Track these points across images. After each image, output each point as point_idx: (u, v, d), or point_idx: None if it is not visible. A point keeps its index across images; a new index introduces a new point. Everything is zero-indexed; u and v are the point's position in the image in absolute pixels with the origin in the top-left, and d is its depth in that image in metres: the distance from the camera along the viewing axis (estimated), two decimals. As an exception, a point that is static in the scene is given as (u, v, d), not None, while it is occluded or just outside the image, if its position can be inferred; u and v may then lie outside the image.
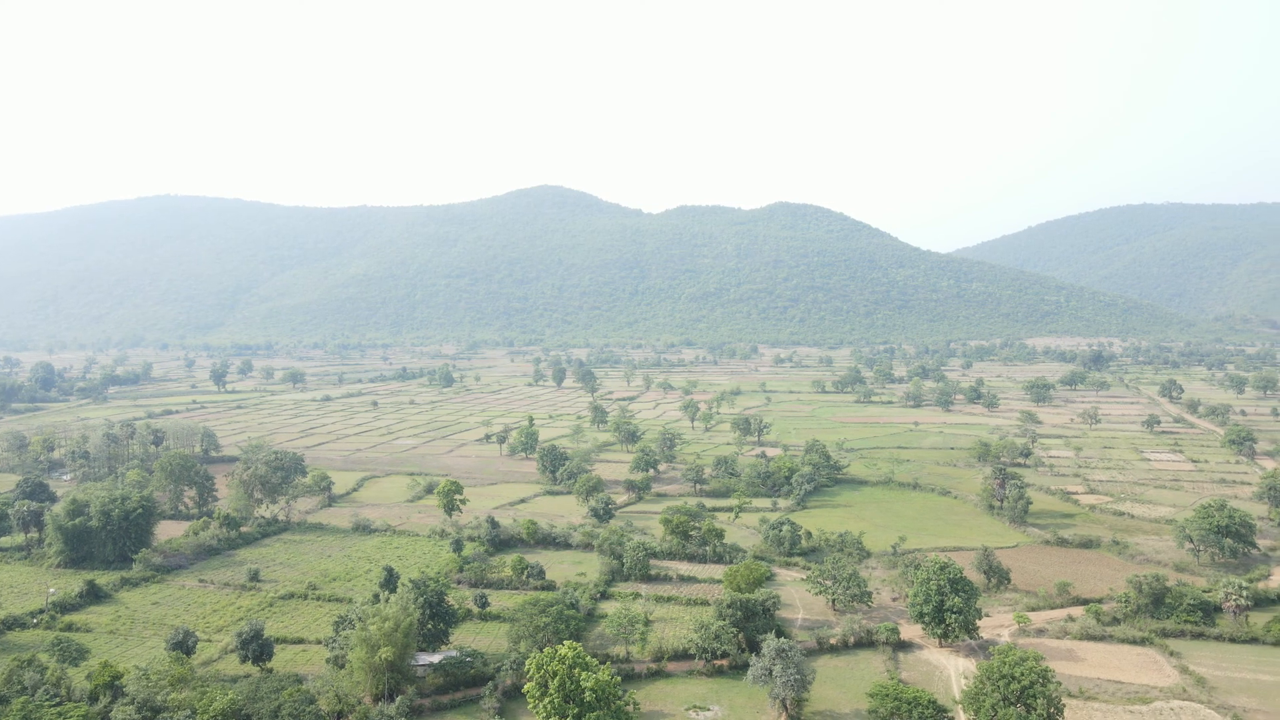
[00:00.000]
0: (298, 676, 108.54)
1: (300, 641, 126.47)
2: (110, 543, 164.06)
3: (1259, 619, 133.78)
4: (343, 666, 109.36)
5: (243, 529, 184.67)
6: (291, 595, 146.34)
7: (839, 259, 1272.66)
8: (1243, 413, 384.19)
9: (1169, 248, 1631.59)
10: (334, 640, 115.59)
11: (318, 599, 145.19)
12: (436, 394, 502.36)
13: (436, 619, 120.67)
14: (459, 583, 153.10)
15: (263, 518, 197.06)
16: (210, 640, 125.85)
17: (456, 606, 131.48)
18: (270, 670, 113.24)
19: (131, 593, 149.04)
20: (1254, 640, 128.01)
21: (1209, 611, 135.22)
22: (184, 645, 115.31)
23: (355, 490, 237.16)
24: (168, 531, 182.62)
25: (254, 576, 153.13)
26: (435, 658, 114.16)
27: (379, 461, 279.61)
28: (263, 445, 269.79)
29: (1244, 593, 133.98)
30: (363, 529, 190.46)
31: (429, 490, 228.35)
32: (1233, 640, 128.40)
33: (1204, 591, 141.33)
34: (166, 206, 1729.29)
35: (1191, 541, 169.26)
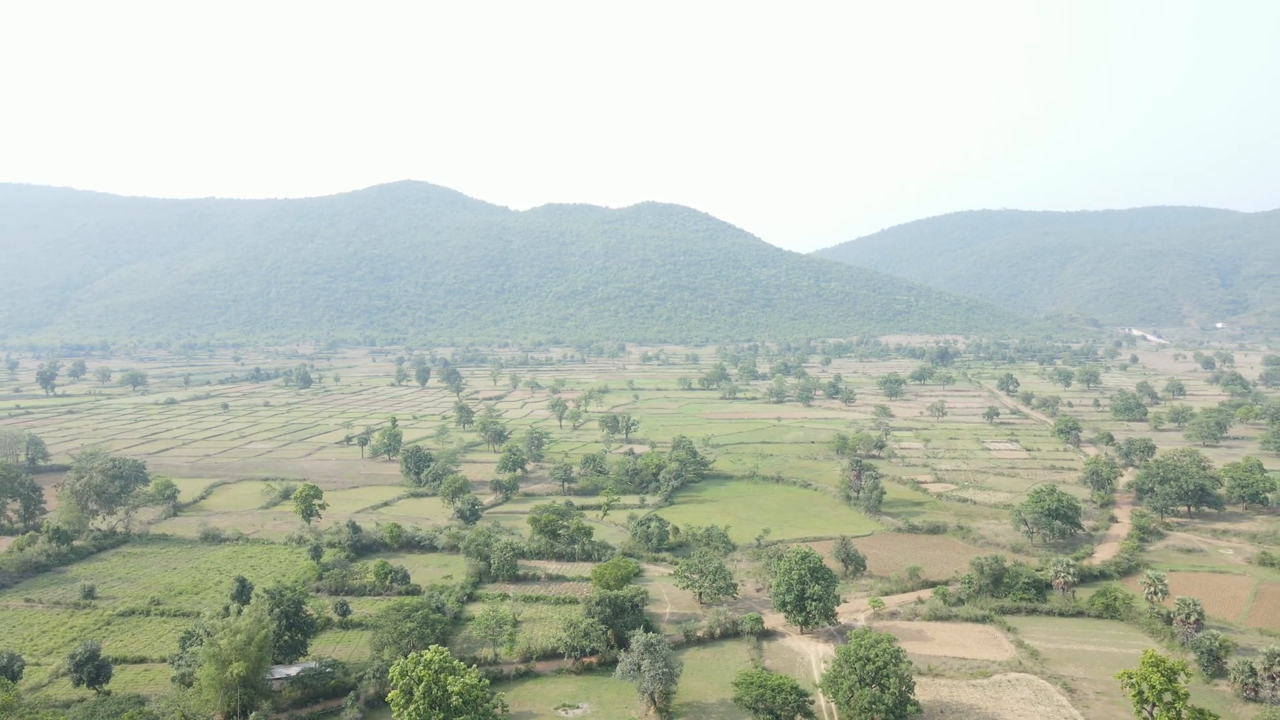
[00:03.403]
0: (139, 698, 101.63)
1: (142, 661, 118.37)
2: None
3: (1084, 593, 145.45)
4: (190, 685, 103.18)
5: (76, 543, 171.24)
6: (132, 612, 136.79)
7: (705, 258, 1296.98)
8: (1069, 404, 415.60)
9: (1006, 251, 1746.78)
10: (180, 657, 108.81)
11: (162, 614, 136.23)
12: (293, 395, 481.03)
13: (294, 629, 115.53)
14: (318, 591, 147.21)
15: (99, 530, 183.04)
16: (39, 664, 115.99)
17: (316, 616, 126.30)
18: (108, 693, 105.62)
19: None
20: (1080, 614, 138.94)
21: (1041, 589, 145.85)
22: (9, 670, 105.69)
23: (204, 498, 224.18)
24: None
25: (89, 593, 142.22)
26: (293, 670, 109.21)
27: (230, 467, 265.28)
28: (99, 452, 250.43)
29: (1071, 570, 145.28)
30: (212, 538, 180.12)
31: (285, 496, 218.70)
32: (1062, 614, 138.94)
33: (1037, 570, 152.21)
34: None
35: (1026, 524, 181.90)
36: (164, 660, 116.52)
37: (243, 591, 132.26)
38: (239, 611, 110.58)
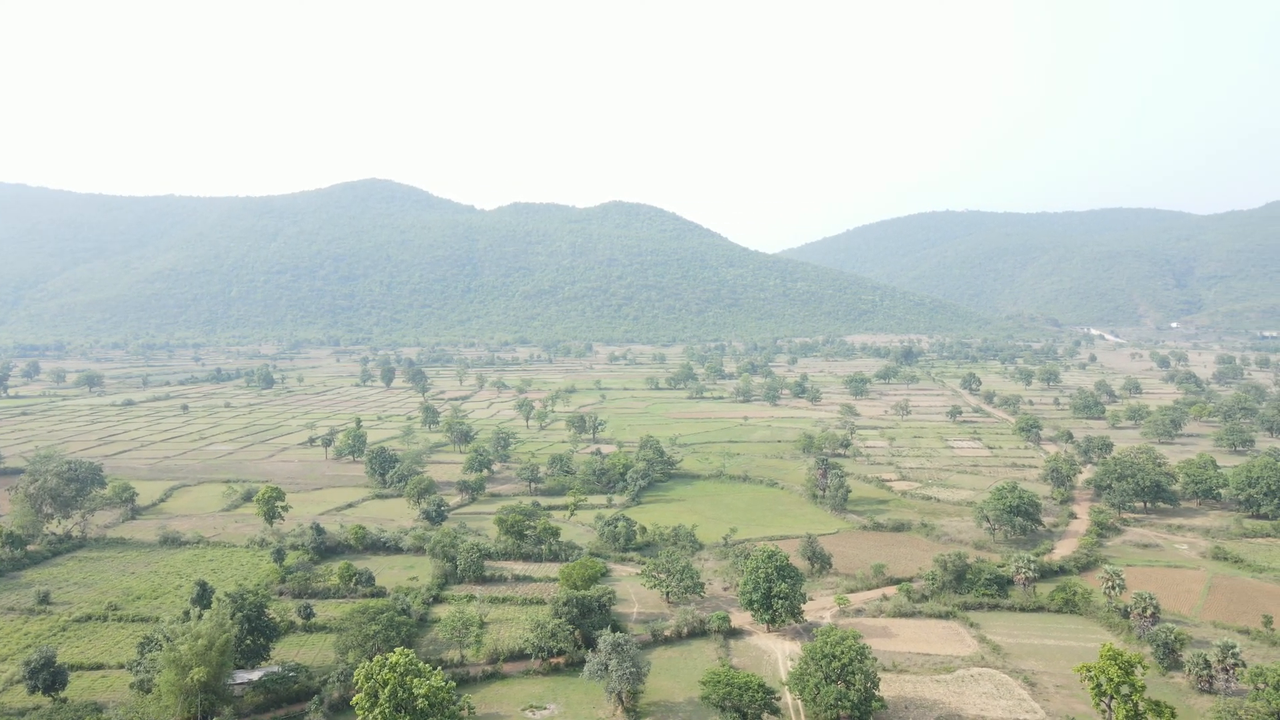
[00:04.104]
0: (97, 705, 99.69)
1: (100, 667, 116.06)
2: None
3: (1044, 589, 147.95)
4: (149, 691, 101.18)
5: (30, 548, 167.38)
6: (89, 617, 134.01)
7: (672, 258, 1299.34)
8: (1030, 402, 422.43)
9: (968, 251, 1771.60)
10: (139, 663, 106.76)
11: (120, 620, 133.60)
12: (255, 396, 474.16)
13: (256, 633, 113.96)
14: (281, 594, 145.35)
15: (54, 535, 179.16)
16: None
17: (279, 619, 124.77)
18: (64, 700, 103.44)
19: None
20: (1040, 609, 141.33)
21: (1003, 584, 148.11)
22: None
23: (163, 501, 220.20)
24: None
25: (44, 599, 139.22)
26: (255, 675, 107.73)
27: (190, 469, 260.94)
28: (53, 455, 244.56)
29: (1032, 566, 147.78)
30: (172, 542, 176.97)
31: (247, 498, 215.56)
32: (1023, 609, 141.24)
33: (999, 566, 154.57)
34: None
35: (988, 521, 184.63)
36: (122, 666, 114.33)
37: (203, 595, 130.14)
38: (200, 616, 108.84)
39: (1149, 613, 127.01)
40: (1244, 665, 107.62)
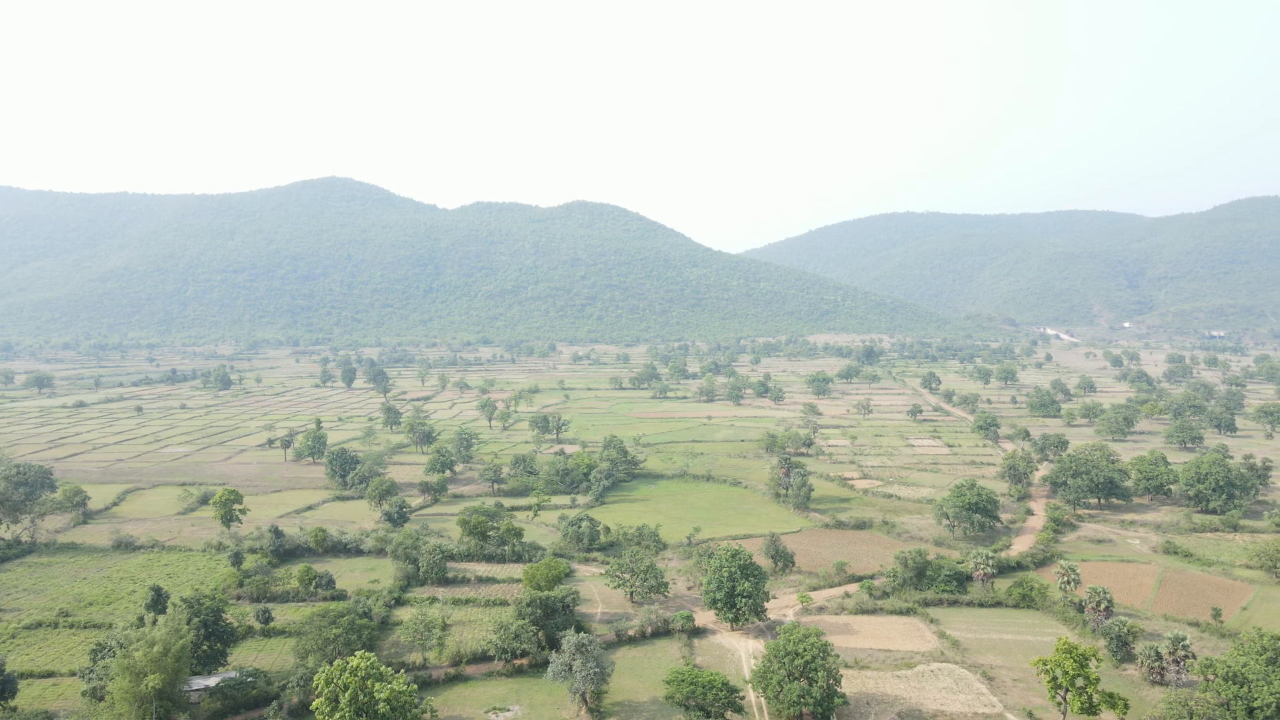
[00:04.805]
0: (48, 714, 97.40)
1: (51, 675, 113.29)
2: None
3: (1002, 584, 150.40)
4: (102, 699, 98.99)
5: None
6: (39, 624, 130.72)
7: (635, 258, 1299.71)
8: (989, 401, 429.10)
9: (928, 252, 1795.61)
10: (91, 670, 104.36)
11: (71, 626, 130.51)
12: (212, 397, 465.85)
13: (213, 639, 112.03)
14: (239, 598, 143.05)
15: (2, 540, 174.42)
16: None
17: (236, 624, 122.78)
18: (14, 709, 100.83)
19: None
20: (998, 604, 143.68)
21: (962, 580, 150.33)
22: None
23: (116, 505, 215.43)
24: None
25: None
26: (212, 681, 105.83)
27: (145, 472, 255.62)
28: (1, 458, 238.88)
29: (990, 562, 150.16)
30: (125, 546, 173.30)
31: (204, 501, 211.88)
32: (982, 605, 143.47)
33: (958, 563, 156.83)
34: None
35: (948, 518, 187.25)
36: (74, 674, 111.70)
37: (158, 601, 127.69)
38: (154, 621, 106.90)
39: (1103, 607, 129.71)
40: (1194, 657, 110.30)
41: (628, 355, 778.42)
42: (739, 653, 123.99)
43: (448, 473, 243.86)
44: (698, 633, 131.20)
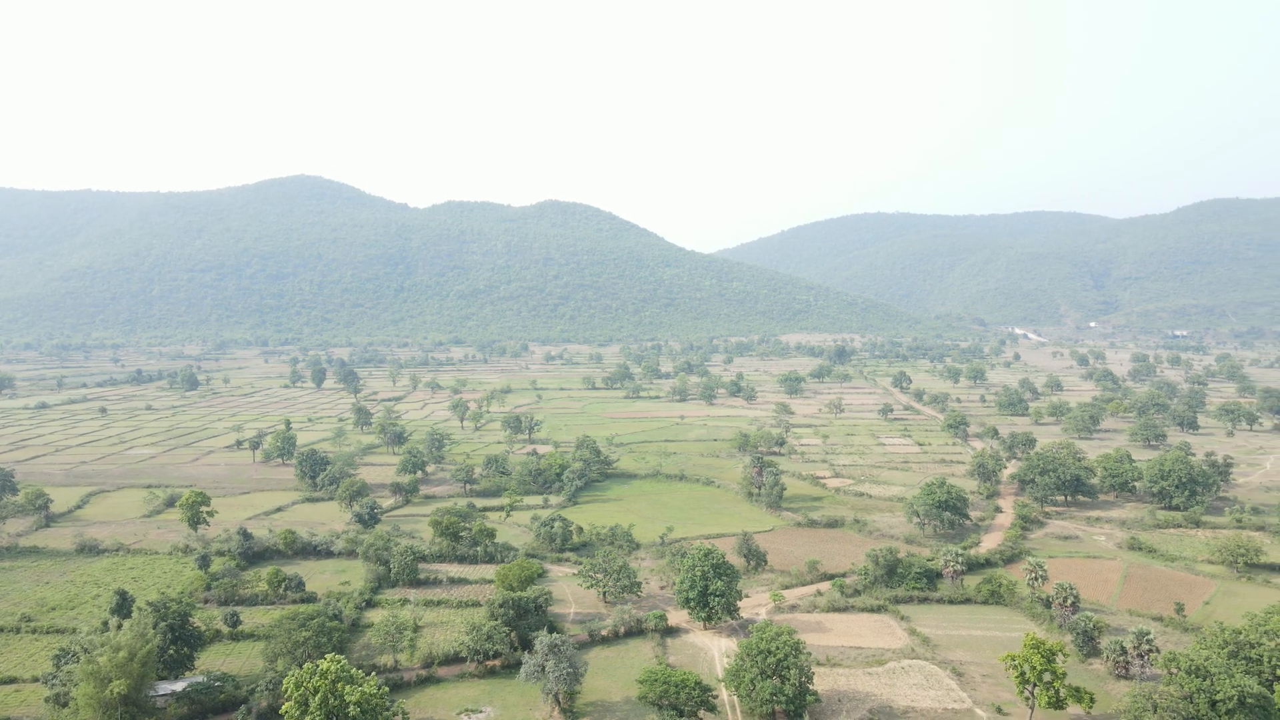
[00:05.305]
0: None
1: (12, 681, 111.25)
2: None
3: (971, 581, 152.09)
4: (66, 705, 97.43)
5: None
6: (0, 629, 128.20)
7: (608, 257, 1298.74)
8: (958, 400, 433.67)
9: (899, 253, 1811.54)
10: (54, 676, 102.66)
11: (33, 632, 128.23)
12: (178, 398, 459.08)
13: (180, 643, 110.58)
14: (206, 602, 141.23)
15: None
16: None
17: (204, 628, 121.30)
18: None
19: None
20: (967, 600, 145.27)
21: (932, 578, 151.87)
22: None
23: (80, 508, 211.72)
24: None
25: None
26: (179, 685, 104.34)
27: (109, 474, 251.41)
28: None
29: (960, 559, 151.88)
30: (89, 550, 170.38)
31: (170, 503, 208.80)
32: (951, 602, 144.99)
33: (928, 560, 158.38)
34: None
35: (918, 516, 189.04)
36: (37, 680, 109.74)
37: (123, 605, 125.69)
38: (119, 626, 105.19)
39: (1069, 602, 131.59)
40: (1158, 651, 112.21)
41: (601, 355, 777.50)
42: (712, 652, 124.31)
43: (419, 473, 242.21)
44: (671, 632, 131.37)
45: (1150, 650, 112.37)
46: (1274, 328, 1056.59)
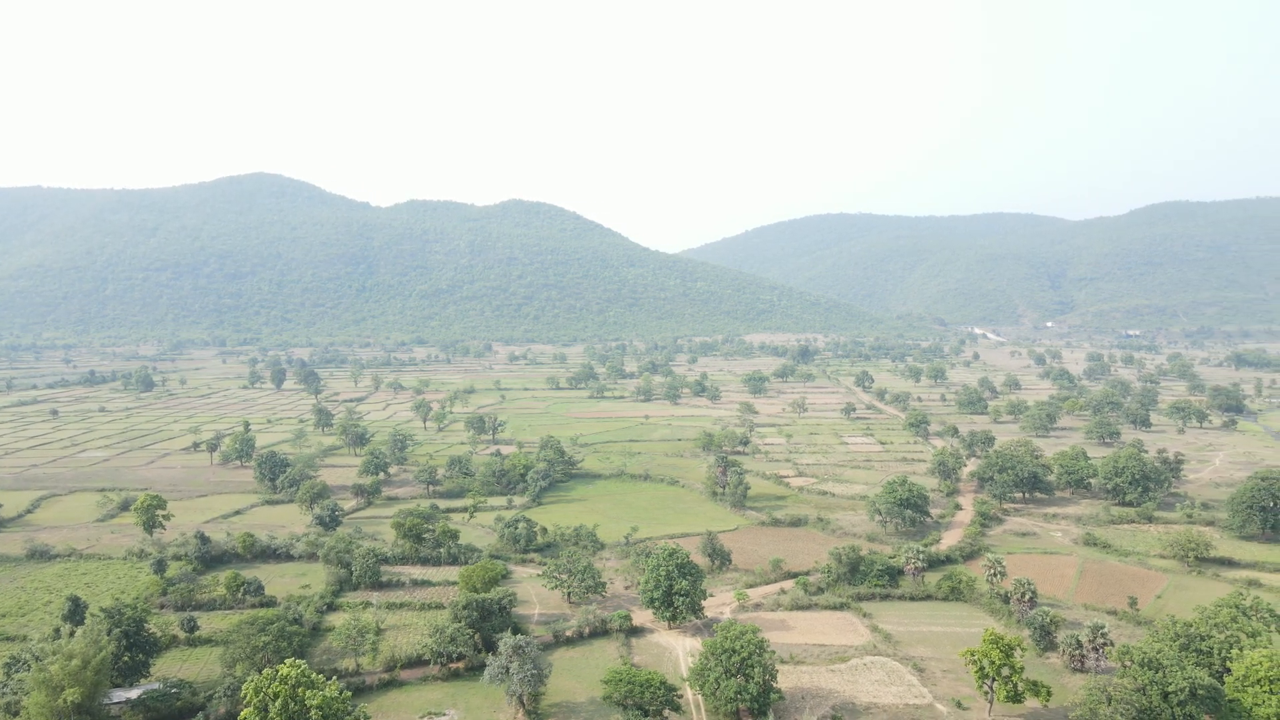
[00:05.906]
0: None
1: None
2: None
3: (932, 578, 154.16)
4: (17, 714, 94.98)
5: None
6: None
7: (572, 257, 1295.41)
8: (919, 399, 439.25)
9: (861, 253, 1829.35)
10: (4, 685, 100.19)
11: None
12: (133, 400, 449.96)
13: (135, 649, 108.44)
14: (163, 607, 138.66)
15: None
16: None
17: (160, 634, 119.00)
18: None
19: None
20: (928, 597, 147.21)
21: (894, 575, 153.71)
22: None
23: (30, 512, 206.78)
24: None
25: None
26: (134, 693, 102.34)
27: (61, 478, 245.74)
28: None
29: (921, 556, 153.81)
30: (40, 555, 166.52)
31: (125, 507, 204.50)
32: (913, 598, 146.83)
33: (890, 558, 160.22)
34: None
35: (880, 514, 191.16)
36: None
37: (76, 611, 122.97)
38: (72, 633, 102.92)
39: (1027, 598, 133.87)
40: (1112, 644, 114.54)
41: (565, 355, 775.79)
42: (677, 651, 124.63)
43: (382, 475, 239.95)
44: (635, 632, 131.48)
45: (1105, 644, 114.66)
46: (1223, 327, 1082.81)
